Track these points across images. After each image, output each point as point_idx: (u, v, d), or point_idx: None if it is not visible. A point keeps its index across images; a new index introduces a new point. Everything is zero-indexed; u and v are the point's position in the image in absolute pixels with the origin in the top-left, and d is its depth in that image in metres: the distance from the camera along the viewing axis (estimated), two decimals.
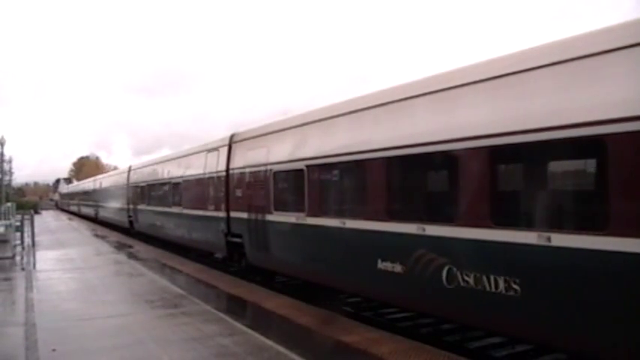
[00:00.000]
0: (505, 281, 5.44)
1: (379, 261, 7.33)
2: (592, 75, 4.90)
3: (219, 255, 14.11)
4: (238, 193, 12.38)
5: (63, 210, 71.86)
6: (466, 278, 5.89)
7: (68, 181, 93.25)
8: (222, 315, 8.61)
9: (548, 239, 5.02)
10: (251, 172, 11.73)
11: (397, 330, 8.16)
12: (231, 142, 13.18)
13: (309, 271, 9.73)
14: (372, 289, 7.88)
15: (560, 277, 4.99)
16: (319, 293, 10.01)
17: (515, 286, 5.33)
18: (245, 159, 12.16)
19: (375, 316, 9.38)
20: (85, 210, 45.74)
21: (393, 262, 7.10)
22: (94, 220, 38.94)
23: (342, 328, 7.68)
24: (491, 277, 5.58)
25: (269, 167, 10.91)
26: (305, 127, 9.91)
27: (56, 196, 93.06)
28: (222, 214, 13.16)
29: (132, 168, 26.12)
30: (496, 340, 7.62)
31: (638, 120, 4.42)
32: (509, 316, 5.51)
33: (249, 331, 7.57)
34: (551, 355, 6.69)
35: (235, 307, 9.49)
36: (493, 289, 5.55)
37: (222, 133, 14.40)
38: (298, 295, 10.26)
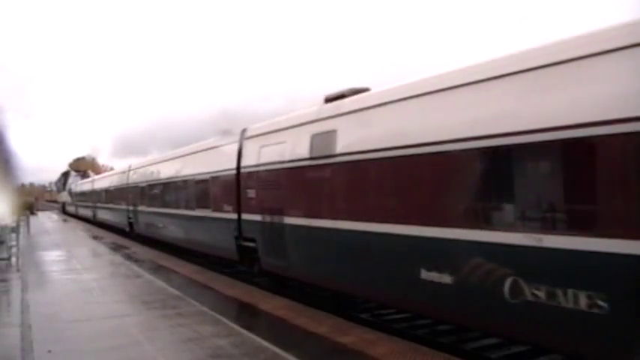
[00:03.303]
0: None
1: None
2: None
3: None
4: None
5: (73, 216, 50.60)
6: None
7: (83, 175, 64.24)
8: (218, 316, 8.60)
9: None
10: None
11: (393, 331, 8.16)
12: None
13: None
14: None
15: None
16: (315, 294, 10.02)
17: None
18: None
19: (372, 318, 9.38)
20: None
21: None
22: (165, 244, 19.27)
23: (338, 329, 7.69)
24: None
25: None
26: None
27: (64, 197, 66.33)
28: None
29: (245, 136, 12.14)
30: (492, 341, 7.64)
31: None
32: None
33: (246, 332, 7.56)
34: (547, 356, 6.70)
35: (232, 308, 9.49)
36: None
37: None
38: (294, 297, 10.26)
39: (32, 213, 40.79)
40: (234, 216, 11.99)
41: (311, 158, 9.07)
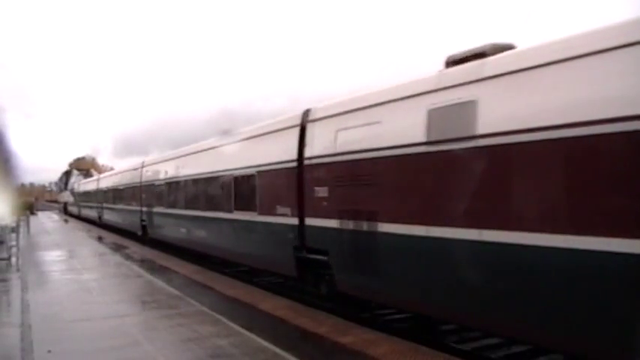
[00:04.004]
0: None
1: None
2: None
3: None
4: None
5: (76, 218, 47.47)
6: None
7: (86, 174, 63.33)
8: (218, 316, 8.59)
9: None
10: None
11: (393, 331, 8.16)
12: None
13: None
14: None
15: None
16: (315, 294, 10.00)
17: None
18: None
19: (372, 318, 9.37)
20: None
21: None
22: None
23: (338, 330, 7.70)
24: None
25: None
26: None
27: (65, 196, 64.41)
28: None
29: (310, 118, 9.56)
30: (493, 341, 7.63)
31: None
32: None
33: (246, 332, 7.56)
34: (547, 356, 6.70)
35: (231, 308, 9.47)
36: None
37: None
38: (294, 297, 10.25)
39: (32, 213, 40.79)
40: (294, 221, 9.52)
41: (429, 142, 6.50)
